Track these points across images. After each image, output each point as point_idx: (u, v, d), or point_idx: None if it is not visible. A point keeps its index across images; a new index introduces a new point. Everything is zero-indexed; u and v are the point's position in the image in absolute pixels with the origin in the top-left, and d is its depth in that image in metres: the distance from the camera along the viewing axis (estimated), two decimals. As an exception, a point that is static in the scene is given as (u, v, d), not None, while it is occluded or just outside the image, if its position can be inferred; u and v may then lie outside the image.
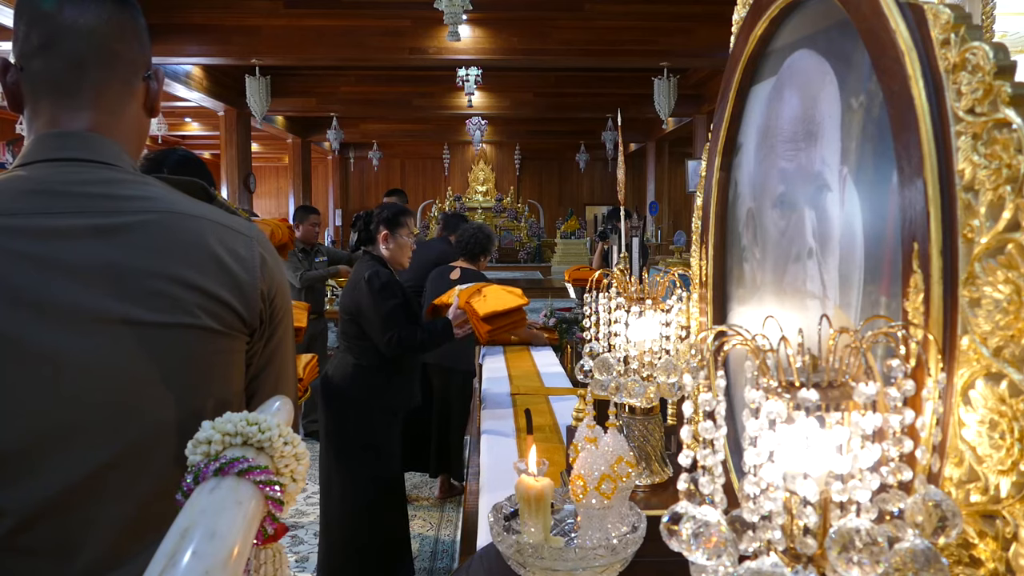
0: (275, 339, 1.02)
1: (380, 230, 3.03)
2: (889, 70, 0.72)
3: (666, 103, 7.48)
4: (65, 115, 0.94)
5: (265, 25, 6.65)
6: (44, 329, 0.85)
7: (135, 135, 1.02)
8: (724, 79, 1.19)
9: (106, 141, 0.95)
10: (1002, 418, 0.60)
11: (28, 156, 0.93)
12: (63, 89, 0.94)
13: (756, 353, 0.61)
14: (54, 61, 0.94)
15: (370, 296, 2.86)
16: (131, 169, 0.97)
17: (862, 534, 0.56)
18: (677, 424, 1.61)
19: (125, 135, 0.99)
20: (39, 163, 0.92)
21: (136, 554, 0.86)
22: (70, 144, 0.93)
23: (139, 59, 1.01)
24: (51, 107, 0.94)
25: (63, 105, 0.94)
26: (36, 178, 0.91)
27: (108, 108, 0.97)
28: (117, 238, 0.89)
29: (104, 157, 0.94)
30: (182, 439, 0.88)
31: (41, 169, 0.92)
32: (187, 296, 0.90)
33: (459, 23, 5.12)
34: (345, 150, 14.54)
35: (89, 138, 0.94)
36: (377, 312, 2.85)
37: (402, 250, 3.06)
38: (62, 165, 0.92)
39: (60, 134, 0.94)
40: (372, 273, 2.89)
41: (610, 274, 1.33)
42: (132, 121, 1.01)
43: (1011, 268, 0.59)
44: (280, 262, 1.05)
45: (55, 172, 0.91)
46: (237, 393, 0.98)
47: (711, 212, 1.24)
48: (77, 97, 0.94)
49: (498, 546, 0.92)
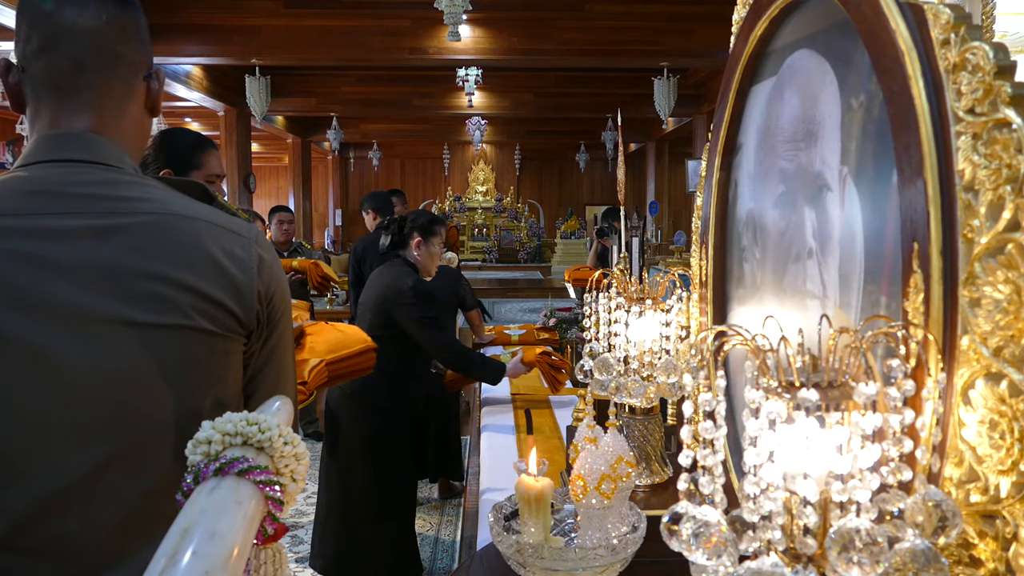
0: (273, 339, 1.02)
1: (413, 236, 3.02)
2: (889, 70, 0.72)
3: (666, 103, 7.47)
4: (66, 116, 0.94)
5: (265, 25, 6.64)
6: (39, 329, 0.85)
7: (136, 136, 1.02)
8: (724, 79, 1.19)
9: (106, 142, 0.95)
10: (1002, 418, 0.60)
11: (28, 157, 0.94)
12: (63, 90, 0.94)
13: (756, 353, 0.61)
14: (54, 62, 0.94)
15: (416, 305, 2.87)
16: (131, 170, 0.97)
17: (862, 534, 0.56)
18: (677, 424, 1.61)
19: (126, 136, 0.99)
20: (39, 164, 0.93)
21: (134, 554, 0.86)
22: (70, 145, 0.93)
23: (140, 60, 1.01)
24: (52, 108, 0.95)
25: (63, 106, 0.95)
26: (35, 179, 0.91)
27: (109, 109, 0.97)
28: (113, 239, 0.89)
29: (104, 158, 0.94)
30: (178, 440, 0.88)
31: (41, 170, 0.92)
32: (182, 297, 0.90)
33: (459, 23, 5.12)
34: (345, 150, 14.52)
35: (89, 139, 0.94)
36: (423, 319, 2.89)
37: (432, 259, 3.06)
38: (62, 166, 0.92)
39: (60, 135, 0.94)
40: (416, 281, 2.93)
41: (610, 274, 1.33)
42: (133, 122, 1.01)
43: (1011, 268, 0.59)
44: (279, 263, 1.04)
45: (55, 173, 0.92)
46: (234, 394, 0.98)
47: (711, 212, 1.24)
48: (77, 98, 0.95)
49: (498, 546, 0.92)
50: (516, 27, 6.70)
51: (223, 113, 8.83)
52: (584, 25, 6.62)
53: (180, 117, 11.52)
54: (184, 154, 2.04)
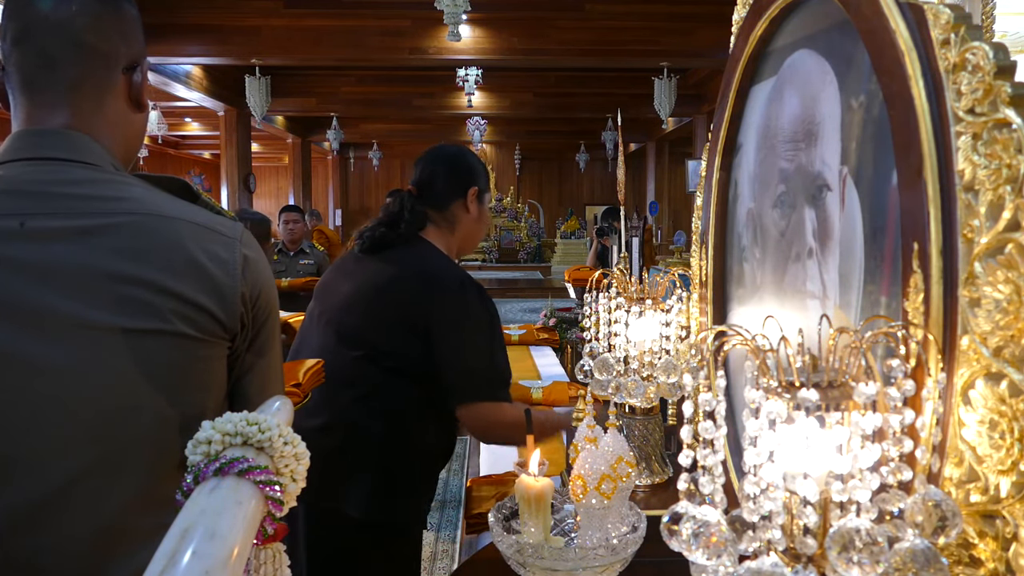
0: (260, 341, 0.99)
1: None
2: (889, 70, 0.72)
3: (666, 103, 7.47)
4: (40, 113, 0.91)
5: (265, 25, 6.64)
6: (13, 334, 0.82)
7: (119, 132, 0.98)
8: (724, 79, 1.19)
9: (84, 139, 0.92)
10: (1002, 418, 0.60)
11: (4, 155, 0.90)
12: (36, 85, 0.91)
13: (756, 353, 0.61)
14: (27, 56, 0.91)
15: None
16: (112, 168, 0.93)
17: (862, 534, 0.56)
18: (677, 424, 1.61)
19: (106, 132, 0.95)
20: (15, 162, 0.89)
21: (113, 565, 0.83)
22: (46, 143, 0.90)
23: (118, 52, 0.96)
24: (27, 104, 0.92)
25: (37, 102, 0.91)
26: (9, 178, 0.88)
27: (84, 104, 0.93)
28: (91, 241, 0.86)
29: (82, 156, 0.90)
30: (161, 447, 0.86)
31: (16, 168, 0.89)
32: (162, 302, 0.87)
33: (459, 23, 5.12)
34: (345, 150, 14.52)
35: (67, 136, 0.91)
36: None
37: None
38: (38, 164, 0.89)
39: (36, 132, 0.91)
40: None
41: (610, 274, 1.33)
42: (114, 117, 0.97)
43: (1011, 268, 0.59)
44: (265, 262, 1.00)
45: (30, 172, 0.88)
46: (218, 400, 0.94)
47: (711, 212, 1.24)
48: (51, 93, 0.91)
49: (498, 546, 0.92)
50: (516, 27, 6.70)
51: (223, 113, 8.83)
52: (584, 25, 6.63)
53: (180, 117, 11.53)
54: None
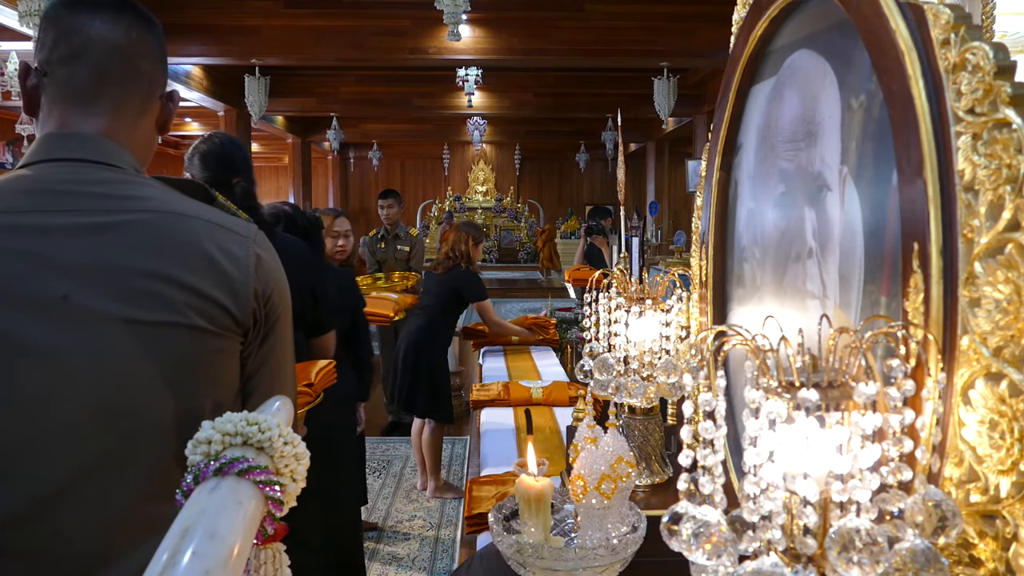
0: (271, 339, 1.02)
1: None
2: (889, 70, 0.72)
3: (666, 103, 7.47)
4: (77, 119, 0.96)
5: (265, 25, 6.64)
6: (34, 325, 0.85)
7: (142, 147, 1.04)
8: (724, 79, 1.19)
9: (110, 143, 0.96)
10: (1002, 418, 0.60)
11: (32, 156, 0.95)
12: (81, 96, 0.96)
13: (756, 353, 0.61)
14: (79, 71, 0.96)
15: None
16: (133, 171, 0.97)
17: (862, 534, 0.56)
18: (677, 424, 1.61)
19: (133, 144, 1.00)
20: (42, 163, 0.93)
21: (124, 556, 0.85)
22: (73, 145, 0.94)
23: (159, 78, 1.04)
24: (64, 111, 0.96)
25: (78, 110, 0.96)
26: (36, 177, 0.92)
27: (124, 119, 0.99)
28: (110, 236, 0.90)
29: (106, 158, 0.95)
30: (169, 441, 0.87)
31: (43, 169, 0.93)
32: (178, 295, 0.90)
33: (459, 23, 5.11)
34: (345, 150, 14.51)
35: (96, 140, 0.95)
36: None
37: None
38: (64, 165, 0.93)
39: (66, 135, 0.95)
40: None
41: (610, 274, 1.33)
42: (143, 135, 1.03)
43: (1011, 268, 0.59)
44: (279, 263, 1.05)
45: (56, 171, 0.93)
46: (230, 394, 0.97)
47: (711, 212, 1.24)
48: (95, 105, 0.97)
49: (498, 546, 0.92)
50: (516, 27, 6.69)
51: (223, 113, 8.83)
52: (584, 25, 6.62)
53: (180, 117, 11.52)
54: None
